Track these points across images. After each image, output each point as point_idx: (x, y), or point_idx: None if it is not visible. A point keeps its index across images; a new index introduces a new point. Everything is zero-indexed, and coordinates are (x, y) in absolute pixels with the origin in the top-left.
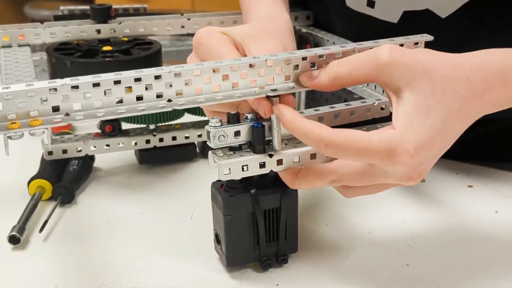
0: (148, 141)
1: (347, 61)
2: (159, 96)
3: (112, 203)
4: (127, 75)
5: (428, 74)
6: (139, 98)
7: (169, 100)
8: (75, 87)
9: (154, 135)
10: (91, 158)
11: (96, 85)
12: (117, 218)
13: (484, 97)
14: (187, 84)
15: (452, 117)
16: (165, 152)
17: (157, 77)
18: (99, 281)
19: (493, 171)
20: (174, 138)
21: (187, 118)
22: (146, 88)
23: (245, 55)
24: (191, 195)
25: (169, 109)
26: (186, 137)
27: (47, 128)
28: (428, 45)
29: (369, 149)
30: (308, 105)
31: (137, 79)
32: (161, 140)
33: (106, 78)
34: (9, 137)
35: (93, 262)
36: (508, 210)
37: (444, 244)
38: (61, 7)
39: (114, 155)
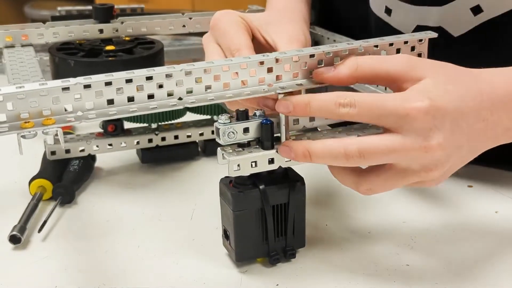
0: (150, 140)
1: (367, 57)
2: (170, 94)
3: (112, 203)
4: (138, 74)
5: (443, 70)
6: (151, 97)
7: (180, 98)
8: (88, 86)
9: (156, 134)
10: (92, 158)
11: (108, 83)
12: (117, 218)
13: (492, 95)
14: (197, 82)
15: (467, 103)
16: (167, 151)
17: (168, 76)
18: (99, 281)
19: (493, 171)
20: (176, 137)
21: (189, 117)
22: (161, 86)
23: (264, 39)
24: (192, 195)
25: (180, 107)
26: (188, 136)
27: (59, 127)
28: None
29: (386, 97)
30: None
31: (149, 78)
32: (163, 139)
33: (119, 76)
34: (23, 136)
35: (93, 262)
36: (508, 210)
37: (444, 244)
38: (59, 8)
39: (115, 155)
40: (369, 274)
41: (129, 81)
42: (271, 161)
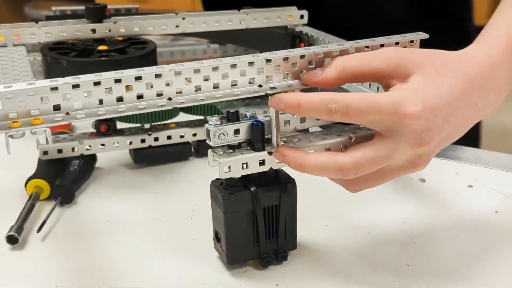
0: (143, 141)
1: (353, 56)
2: (159, 94)
3: (112, 203)
4: (127, 74)
5: (430, 61)
6: (140, 97)
7: (169, 99)
8: (76, 85)
9: (149, 134)
10: (92, 158)
11: (97, 83)
12: (117, 218)
13: (480, 78)
14: (187, 82)
15: (457, 95)
16: (160, 151)
17: (157, 76)
18: (99, 281)
19: (493, 171)
20: (169, 137)
21: (182, 117)
22: (152, 86)
23: None
24: (191, 194)
25: (170, 107)
26: (181, 136)
27: (48, 127)
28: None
29: (378, 102)
30: None
31: (138, 78)
32: (156, 139)
33: (107, 76)
34: (11, 136)
35: (93, 262)
36: (508, 210)
37: (444, 244)
38: (53, 8)
39: (114, 156)
40: (369, 274)
41: (118, 81)
42: (262, 162)
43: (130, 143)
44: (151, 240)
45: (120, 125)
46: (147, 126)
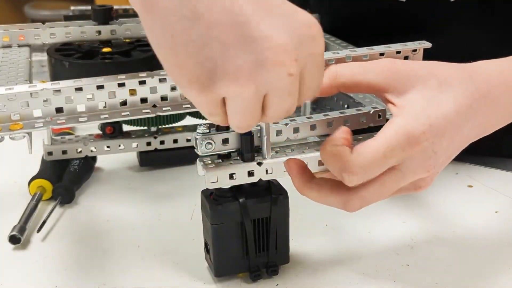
0: (149, 144)
1: (349, 65)
2: (144, 101)
3: (113, 203)
4: (109, 81)
5: (432, 75)
6: (123, 103)
7: (154, 106)
8: (57, 91)
9: (155, 138)
10: (92, 158)
11: (78, 89)
12: (117, 218)
13: (489, 96)
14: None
15: (463, 113)
16: (166, 154)
17: (141, 83)
18: (99, 281)
19: (493, 171)
20: (175, 141)
21: (189, 121)
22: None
23: None
24: (191, 195)
25: (153, 115)
26: (188, 140)
27: (27, 133)
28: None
29: (391, 144)
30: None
31: (121, 84)
32: (162, 142)
33: (88, 83)
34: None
35: (93, 262)
36: (508, 210)
37: (444, 244)
38: (72, 7)
39: (120, 158)
40: (369, 274)
41: (100, 87)
42: (251, 173)
43: (136, 146)
44: (151, 240)
45: (126, 127)
46: (153, 129)
